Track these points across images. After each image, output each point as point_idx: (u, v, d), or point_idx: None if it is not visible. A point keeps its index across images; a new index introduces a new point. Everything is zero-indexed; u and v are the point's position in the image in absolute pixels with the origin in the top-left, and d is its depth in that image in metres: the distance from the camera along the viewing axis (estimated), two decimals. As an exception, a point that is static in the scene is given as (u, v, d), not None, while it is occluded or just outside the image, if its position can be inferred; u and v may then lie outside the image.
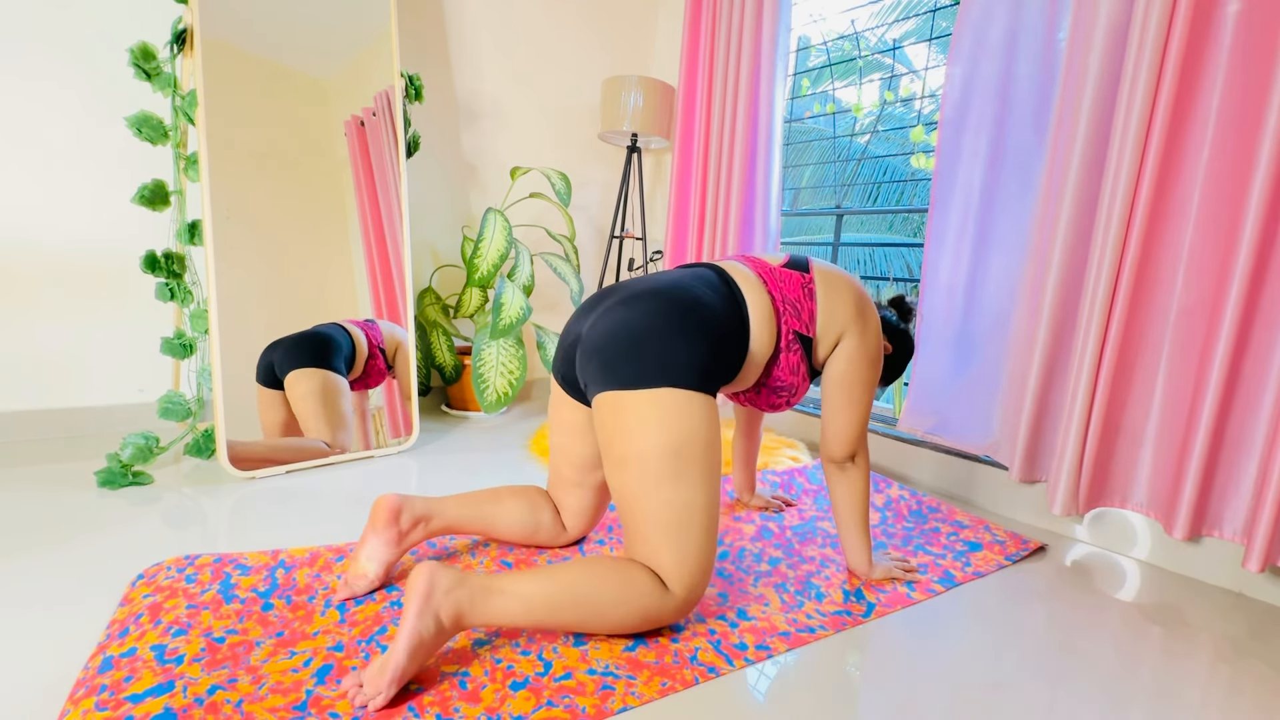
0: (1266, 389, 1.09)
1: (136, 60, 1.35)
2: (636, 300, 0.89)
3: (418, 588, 0.73)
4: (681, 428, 0.83)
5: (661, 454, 0.82)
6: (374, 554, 0.94)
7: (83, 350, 1.63)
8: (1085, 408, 1.26)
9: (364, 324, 1.64)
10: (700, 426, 0.84)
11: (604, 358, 0.86)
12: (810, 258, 1.05)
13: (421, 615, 0.72)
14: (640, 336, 0.85)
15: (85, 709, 0.65)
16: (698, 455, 0.84)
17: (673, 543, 0.82)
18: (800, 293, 0.99)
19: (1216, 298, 1.14)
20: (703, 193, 2.17)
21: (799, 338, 0.99)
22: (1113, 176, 1.21)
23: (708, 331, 0.88)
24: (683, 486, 0.83)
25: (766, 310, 0.97)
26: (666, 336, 0.85)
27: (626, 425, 0.84)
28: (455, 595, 0.74)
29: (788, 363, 0.99)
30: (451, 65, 2.15)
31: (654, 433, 0.82)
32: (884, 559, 1.13)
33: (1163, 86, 1.14)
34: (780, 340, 0.98)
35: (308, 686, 0.72)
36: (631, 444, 0.83)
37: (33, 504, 1.20)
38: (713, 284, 0.95)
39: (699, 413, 0.85)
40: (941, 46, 1.91)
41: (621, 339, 0.86)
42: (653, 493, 0.83)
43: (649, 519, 0.83)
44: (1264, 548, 1.07)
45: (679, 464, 0.83)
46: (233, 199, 1.44)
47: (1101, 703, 0.82)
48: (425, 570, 0.74)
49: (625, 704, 0.73)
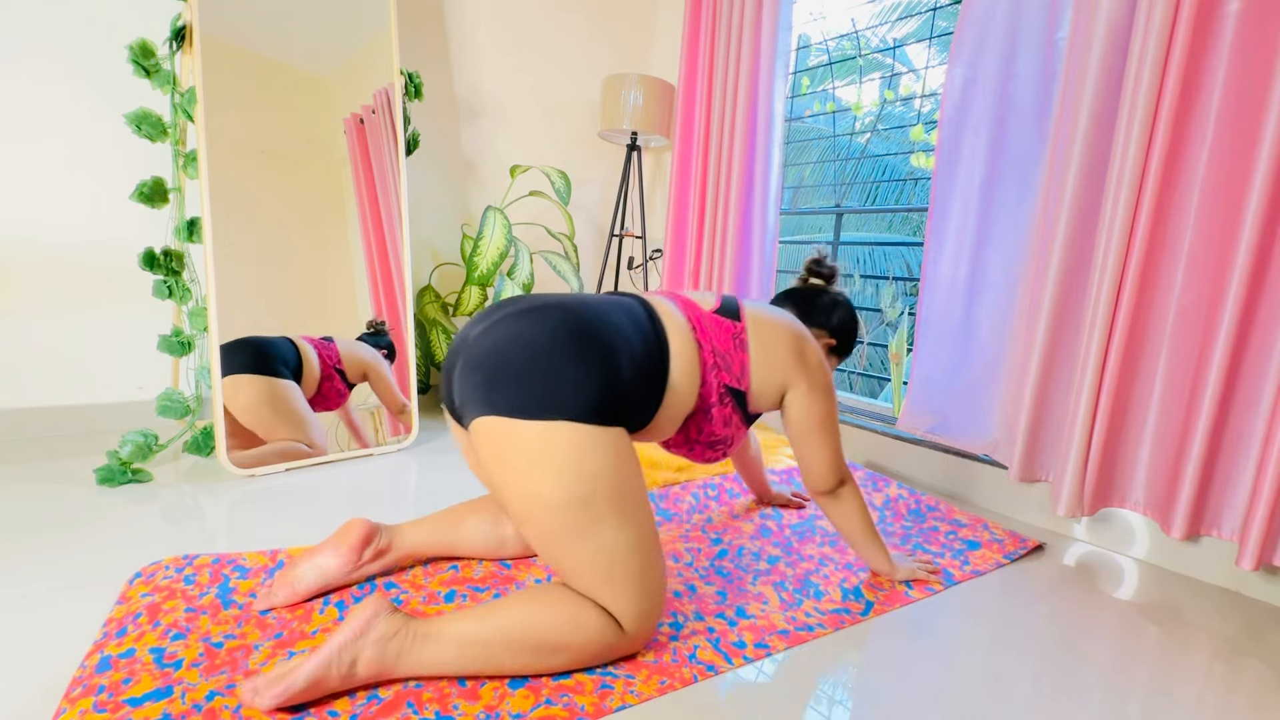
0: (1265, 388, 1.09)
1: (135, 57, 1.35)
2: (534, 313, 0.77)
3: (354, 623, 0.69)
4: (583, 471, 0.72)
5: (565, 506, 0.72)
6: (318, 569, 0.89)
7: (81, 347, 1.63)
8: (1090, 408, 1.26)
9: (318, 342, 1.55)
10: (606, 466, 0.73)
11: (486, 375, 0.74)
12: (742, 302, 0.96)
13: (342, 651, 0.68)
14: (532, 355, 0.73)
15: (82, 709, 0.65)
16: (609, 497, 0.73)
17: (610, 590, 0.75)
18: (731, 344, 0.90)
19: (1215, 296, 1.14)
20: (702, 191, 2.16)
21: (730, 391, 0.90)
22: (1116, 174, 1.21)
23: (614, 363, 0.76)
24: (602, 533, 0.74)
25: (692, 359, 0.86)
26: (563, 359, 0.74)
27: (515, 465, 0.73)
28: (383, 647, 0.69)
29: (720, 416, 0.90)
30: (451, 63, 2.14)
31: (551, 480, 0.71)
32: (907, 560, 1.12)
33: (1166, 85, 1.13)
34: (710, 395, 0.88)
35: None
36: (526, 491, 0.73)
37: (31, 501, 1.20)
38: (634, 315, 0.84)
39: (603, 450, 0.73)
40: (941, 45, 1.91)
41: (509, 355, 0.74)
42: (568, 549, 0.74)
43: (574, 573, 0.75)
44: (1258, 546, 1.07)
45: (588, 514, 0.73)
46: (232, 196, 1.43)
47: (1099, 701, 0.82)
48: (368, 610, 0.70)
49: (624, 702, 0.73)
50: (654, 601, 0.79)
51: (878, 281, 4.50)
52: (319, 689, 0.68)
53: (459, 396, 0.78)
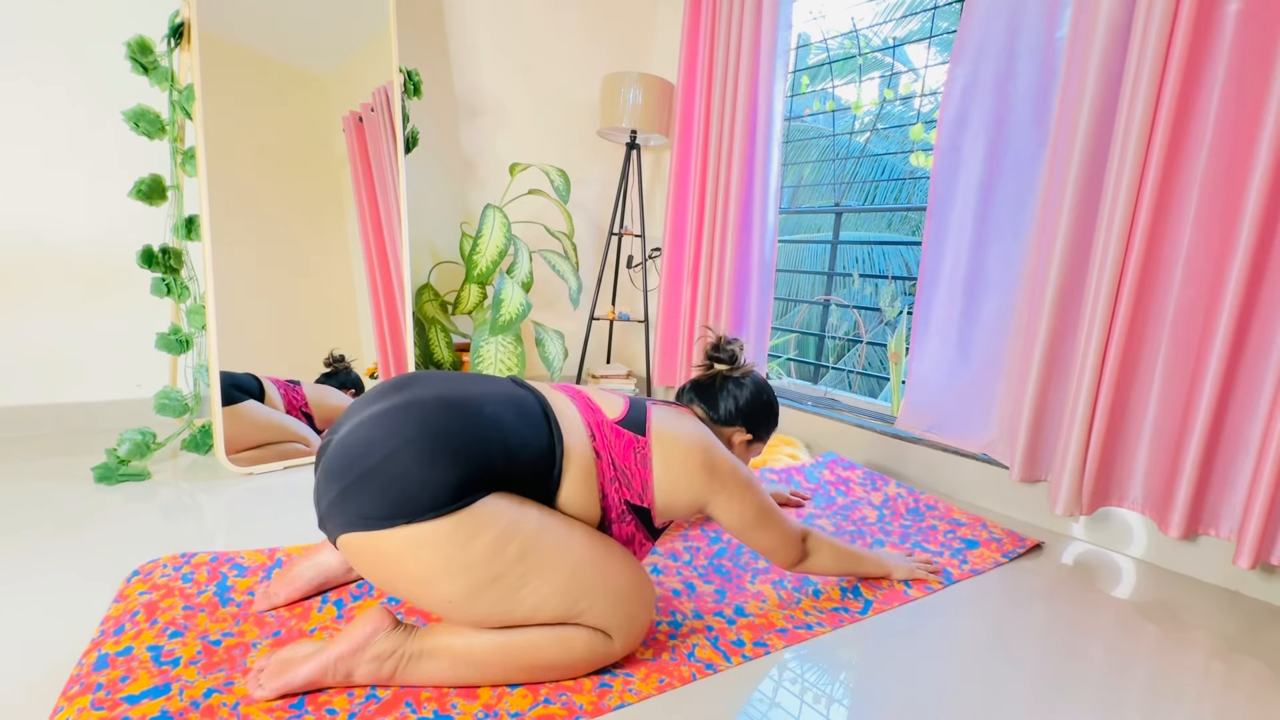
0: (1263, 387, 1.10)
1: (133, 54, 1.34)
2: (398, 411, 0.70)
3: (354, 635, 0.70)
4: (473, 558, 0.67)
5: (477, 593, 0.68)
6: (319, 567, 0.89)
7: (80, 345, 1.63)
8: (1089, 407, 1.26)
9: (284, 384, 1.51)
10: (494, 538, 0.68)
11: (342, 487, 0.68)
12: (650, 409, 0.88)
13: (338, 663, 0.70)
14: (384, 458, 0.67)
15: (80, 706, 0.65)
16: (518, 560, 0.69)
17: (581, 617, 0.73)
18: (632, 458, 0.82)
19: (1213, 295, 1.14)
20: (701, 190, 2.16)
21: (631, 508, 0.82)
22: (1115, 174, 1.21)
23: (482, 457, 0.70)
24: (535, 589, 0.70)
25: (587, 467, 0.78)
26: (417, 460, 0.67)
27: (402, 575, 0.68)
28: (379, 664, 0.70)
29: (621, 534, 0.83)
30: (450, 61, 2.14)
31: (445, 581, 0.67)
32: (906, 559, 1.12)
33: (1166, 85, 1.13)
34: (610, 512, 0.81)
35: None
36: (430, 597, 0.68)
37: (29, 499, 1.19)
38: (525, 408, 0.77)
39: (484, 526, 0.68)
40: (940, 45, 1.91)
41: (359, 463, 0.67)
42: (515, 617, 0.71)
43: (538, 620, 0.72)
44: (1255, 544, 1.07)
45: (505, 587, 0.69)
46: (230, 194, 1.43)
47: (1097, 698, 0.82)
48: (370, 624, 0.71)
49: (623, 700, 0.73)
50: (634, 603, 0.76)
51: (876, 281, 4.50)
52: (317, 688, 0.71)
53: (320, 509, 0.72)
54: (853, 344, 4.31)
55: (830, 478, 1.54)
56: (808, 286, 5.19)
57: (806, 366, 2.44)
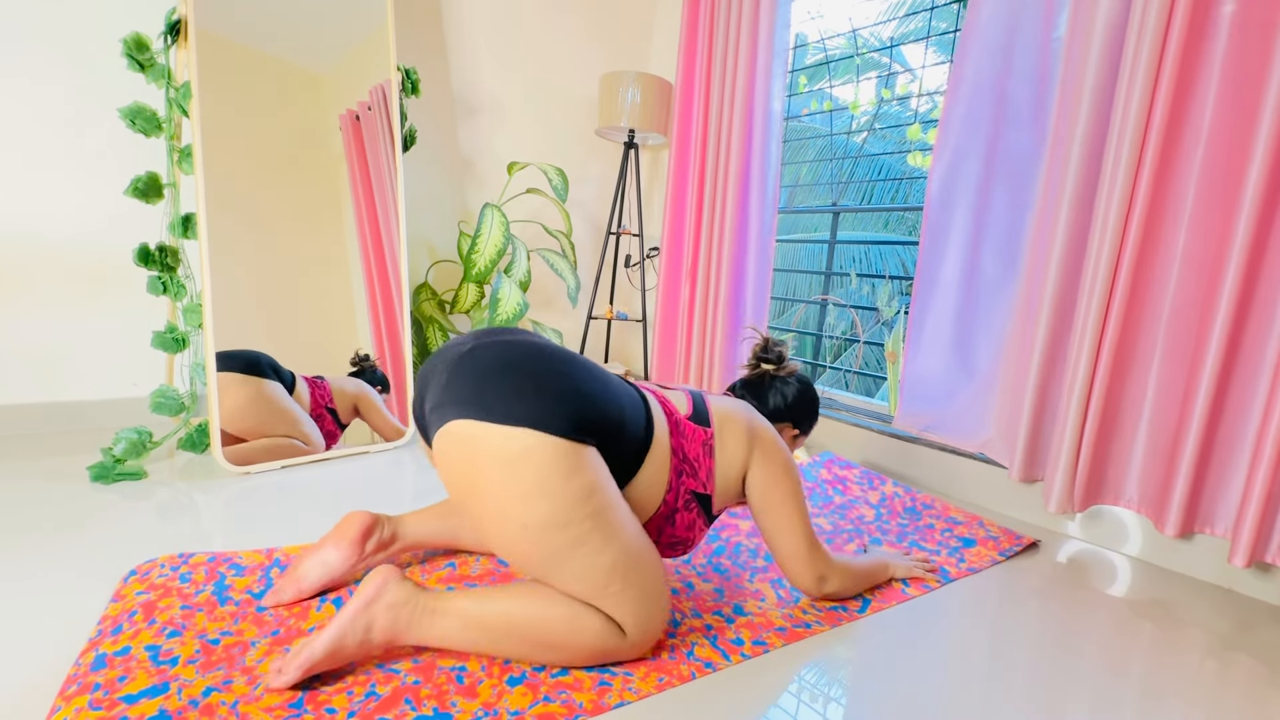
0: (1258, 386, 1.10)
1: (130, 51, 1.34)
2: (533, 345, 0.77)
3: (365, 591, 0.73)
4: (564, 491, 0.69)
5: (543, 529, 0.70)
6: (323, 564, 0.90)
7: (76, 344, 1.62)
8: (1082, 404, 1.26)
9: (311, 380, 1.54)
10: (586, 484, 0.71)
11: (478, 379, 0.71)
12: (708, 401, 0.93)
13: (355, 619, 0.71)
14: (528, 367, 0.73)
15: (78, 706, 0.64)
16: (593, 515, 0.71)
17: (607, 601, 0.75)
18: (700, 450, 0.88)
19: (1209, 295, 1.14)
20: (699, 189, 2.16)
21: (696, 496, 0.88)
22: (1110, 174, 1.21)
23: (607, 420, 0.75)
24: (586, 553, 0.72)
25: (664, 458, 0.84)
26: (559, 375, 0.73)
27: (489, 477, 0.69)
28: (396, 612, 0.73)
29: (683, 521, 0.88)
30: (448, 59, 2.13)
31: (528, 506, 0.69)
32: (903, 558, 1.13)
33: (1160, 85, 1.14)
34: (676, 500, 0.86)
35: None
36: (500, 511, 0.70)
37: (24, 498, 1.19)
38: (633, 394, 0.84)
39: (585, 466, 0.71)
40: (938, 45, 1.92)
41: (503, 365, 0.72)
42: (553, 572, 0.73)
43: (566, 589, 0.74)
44: (1250, 543, 1.08)
45: (568, 537, 0.70)
46: (227, 192, 1.42)
47: (1093, 696, 0.83)
48: (379, 576, 0.74)
49: (622, 699, 0.73)
50: (656, 604, 0.78)
51: (874, 280, 4.51)
52: (338, 657, 0.71)
53: (442, 398, 0.74)
54: (850, 343, 4.32)
55: (828, 477, 1.54)
56: (805, 286, 5.20)
57: (804, 366, 2.45)
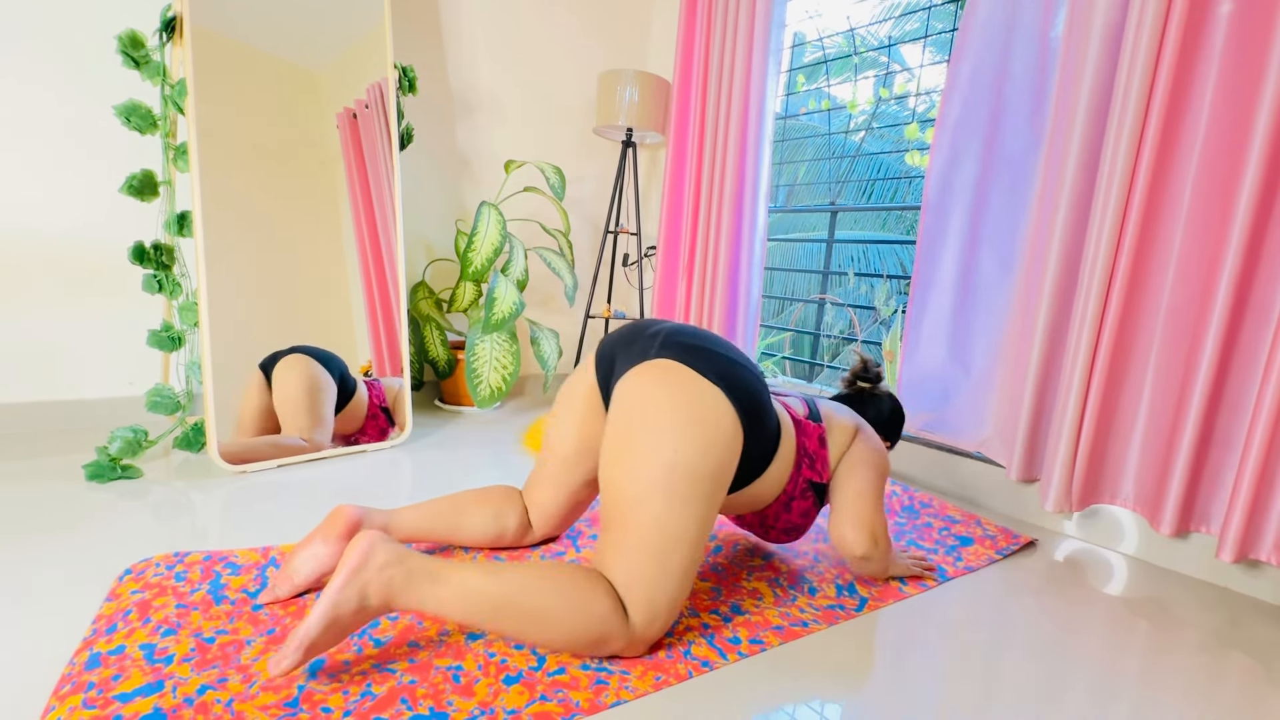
0: (1252, 385, 1.10)
1: (125, 48, 1.33)
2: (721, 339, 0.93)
3: (350, 559, 0.70)
4: (714, 450, 0.79)
5: (680, 469, 0.77)
6: (313, 558, 0.91)
7: (71, 342, 1.61)
8: (1079, 404, 1.27)
9: (369, 381, 1.64)
10: (728, 459, 0.81)
11: (689, 340, 0.86)
12: (818, 402, 1.07)
13: (345, 588, 0.68)
14: (732, 351, 0.88)
15: (72, 705, 0.64)
16: (712, 485, 0.79)
17: (645, 571, 0.76)
18: (817, 444, 0.99)
19: (1205, 295, 1.15)
20: (697, 188, 2.16)
21: (812, 485, 0.99)
22: (1107, 173, 1.21)
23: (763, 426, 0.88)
24: (685, 511, 0.77)
25: (789, 456, 0.95)
26: (750, 368, 0.88)
27: (668, 407, 0.79)
28: (389, 573, 0.70)
29: (799, 508, 1.00)
30: (446, 57, 2.13)
31: (688, 439, 0.77)
32: (901, 556, 1.13)
33: (1157, 86, 1.14)
34: (794, 489, 0.98)
35: (299, 682, 0.72)
36: (657, 440, 0.78)
37: (19, 497, 1.18)
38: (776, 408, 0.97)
39: (735, 444, 0.81)
40: (936, 44, 1.91)
41: (720, 344, 0.88)
42: (653, 508, 0.77)
43: (635, 536, 0.77)
44: (1237, 538, 1.08)
45: (690, 487, 0.77)
46: (223, 190, 1.42)
47: (1090, 693, 0.83)
48: (363, 541, 0.71)
49: (619, 698, 0.73)
50: (673, 606, 0.79)
51: (872, 279, 4.52)
52: (336, 630, 0.69)
53: (652, 346, 0.86)
54: (848, 342, 4.32)
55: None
56: (803, 285, 5.20)
57: (801, 365, 2.45)
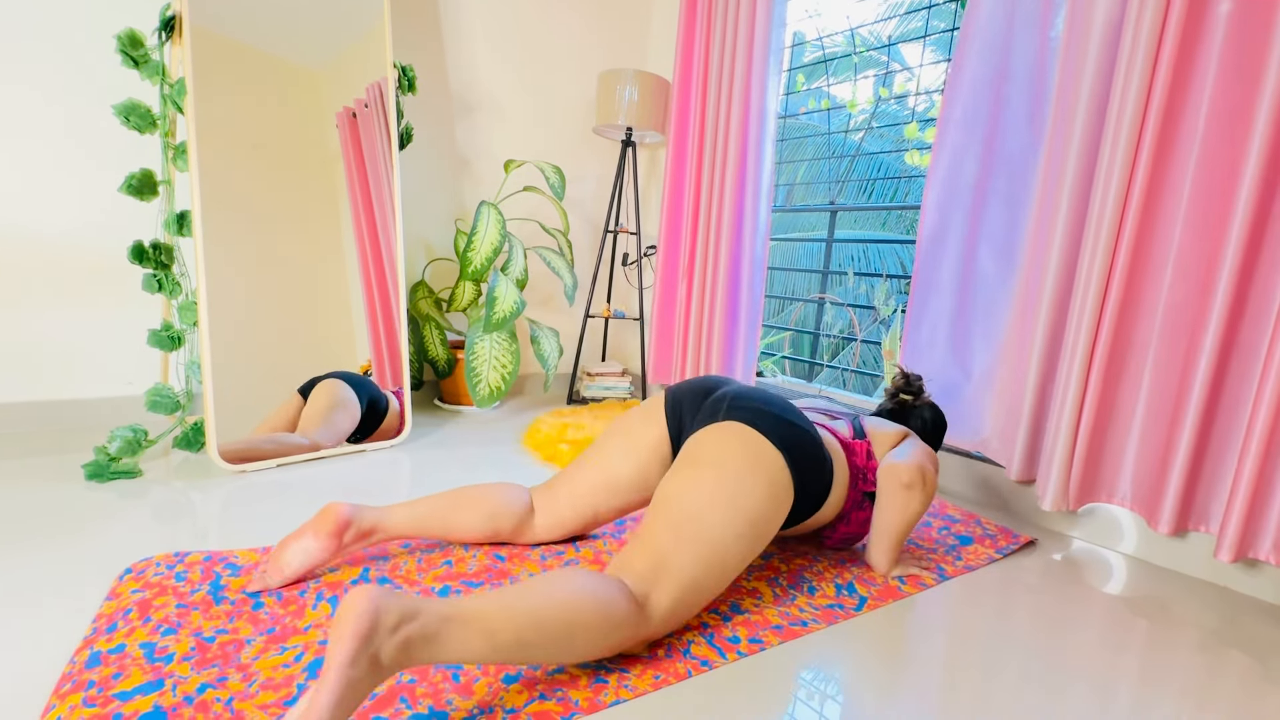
0: (1250, 384, 1.11)
1: (124, 47, 1.33)
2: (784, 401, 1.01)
3: (353, 626, 0.56)
4: (772, 499, 0.88)
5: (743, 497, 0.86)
6: (304, 552, 0.91)
7: (71, 342, 1.61)
8: (1077, 403, 1.27)
9: (397, 393, 1.72)
10: (775, 511, 0.89)
11: (758, 404, 0.95)
12: (863, 420, 1.17)
13: (355, 662, 0.56)
14: (789, 414, 0.96)
15: (72, 704, 0.64)
16: (765, 525, 0.88)
17: (689, 569, 0.81)
18: (865, 459, 1.08)
19: (1204, 293, 1.15)
20: (697, 187, 2.16)
21: (867, 496, 1.07)
22: (1105, 173, 1.21)
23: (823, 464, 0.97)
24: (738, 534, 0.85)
25: (844, 481, 1.04)
26: (808, 432, 0.96)
27: (737, 454, 0.89)
28: (405, 631, 0.59)
29: (859, 518, 1.08)
30: (445, 57, 2.13)
31: (755, 483, 0.87)
32: (902, 556, 1.14)
33: (1156, 85, 1.14)
34: (849, 505, 1.06)
35: (299, 681, 0.72)
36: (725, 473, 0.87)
37: (19, 497, 1.18)
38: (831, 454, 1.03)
39: (783, 498, 0.90)
40: (935, 44, 1.92)
41: (780, 408, 0.96)
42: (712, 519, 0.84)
43: (691, 533, 0.83)
44: (1236, 538, 1.08)
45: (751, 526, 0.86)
46: (222, 190, 1.42)
47: (1089, 692, 0.83)
48: (364, 602, 0.58)
49: (618, 697, 0.73)
50: (688, 612, 0.83)
51: (871, 279, 4.52)
52: (352, 705, 0.57)
53: (712, 409, 0.97)
54: (847, 342, 4.32)
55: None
56: (803, 284, 5.20)
57: (801, 364, 2.45)
